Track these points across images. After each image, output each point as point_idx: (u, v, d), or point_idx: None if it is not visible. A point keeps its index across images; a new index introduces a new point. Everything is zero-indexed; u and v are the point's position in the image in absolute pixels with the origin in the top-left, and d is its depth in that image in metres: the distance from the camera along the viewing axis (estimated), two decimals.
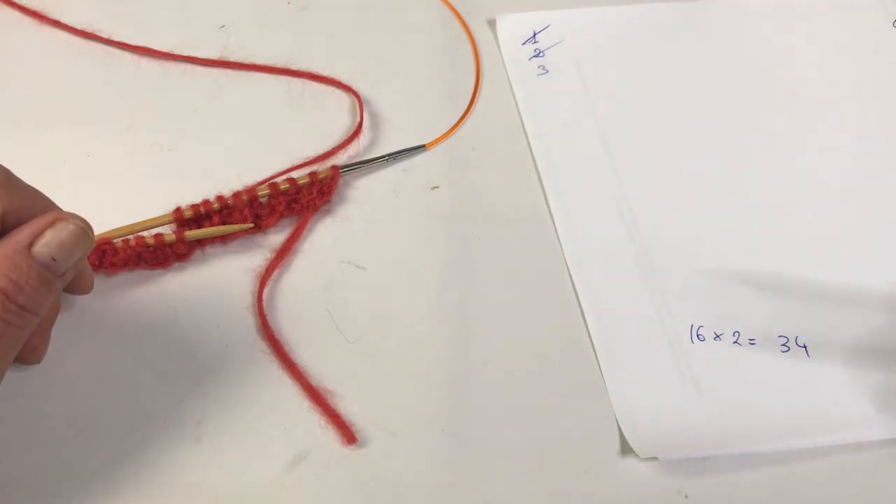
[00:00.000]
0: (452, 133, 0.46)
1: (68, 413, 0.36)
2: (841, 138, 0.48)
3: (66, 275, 0.31)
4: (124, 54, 0.47)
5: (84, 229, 0.31)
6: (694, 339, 0.40)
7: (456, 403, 0.37)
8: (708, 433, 0.37)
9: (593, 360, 0.39)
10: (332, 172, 0.42)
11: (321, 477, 0.35)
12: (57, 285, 0.31)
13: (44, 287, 0.30)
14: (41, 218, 0.30)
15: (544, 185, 0.44)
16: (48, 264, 0.30)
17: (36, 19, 0.48)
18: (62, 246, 0.30)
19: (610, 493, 0.36)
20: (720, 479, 0.36)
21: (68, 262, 0.30)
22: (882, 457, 0.37)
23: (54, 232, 0.30)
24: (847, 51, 0.52)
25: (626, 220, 0.44)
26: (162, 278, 0.40)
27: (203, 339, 0.38)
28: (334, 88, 0.47)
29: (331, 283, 0.40)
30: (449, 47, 0.50)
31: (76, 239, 0.30)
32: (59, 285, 0.31)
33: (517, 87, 0.48)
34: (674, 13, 0.53)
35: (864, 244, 0.44)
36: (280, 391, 0.37)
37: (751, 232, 0.44)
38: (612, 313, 0.40)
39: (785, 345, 0.40)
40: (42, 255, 0.29)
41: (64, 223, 0.30)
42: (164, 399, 0.36)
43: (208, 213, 0.40)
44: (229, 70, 0.47)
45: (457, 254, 0.42)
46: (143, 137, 0.44)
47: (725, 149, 0.47)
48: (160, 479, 0.34)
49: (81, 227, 0.31)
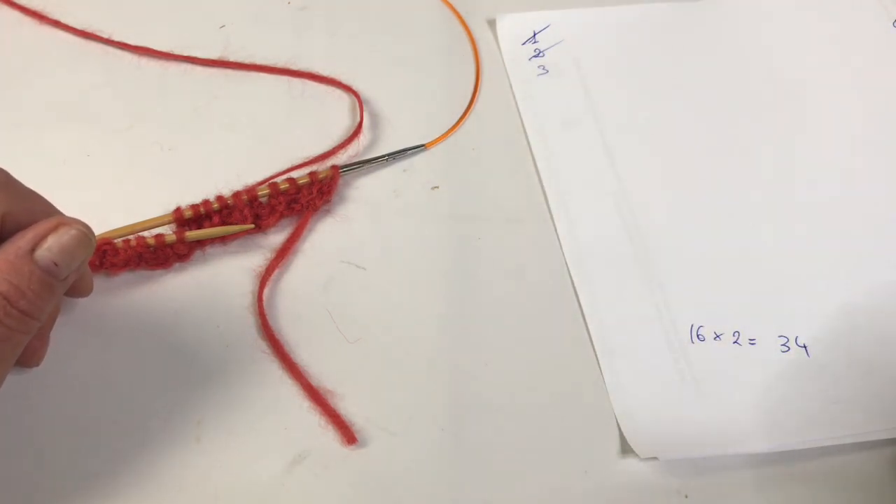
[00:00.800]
0: (452, 133, 0.46)
1: (69, 413, 0.36)
2: (841, 138, 0.48)
3: (67, 279, 0.31)
4: (124, 54, 0.47)
5: (86, 234, 0.31)
6: (694, 339, 0.40)
7: (456, 403, 0.37)
8: (708, 433, 0.37)
9: (593, 359, 0.39)
10: (332, 172, 0.42)
11: (321, 477, 0.35)
12: (58, 290, 0.31)
13: (46, 292, 0.30)
14: (44, 222, 0.30)
15: (544, 185, 0.44)
16: (50, 269, 0.30)
17: (36, 19, 0.48)
18: (64, 251, 0.30)
19: (610, 493, 0.36)
20: (720, 479, 0.36)
21: (70, 266, 0.30)
22: (882, 457, 0.37)
23: (56, 237, 0.30)
24: (847, 51, 0.52)
25: (626, 220, 0.44)
26: (162, 278, 0.40)
27: (203, 339, 0.38)
28: (334, 88, 0.47)
29: (331, 283, 0.40)
30: (449, 47, 0.50)
31: (78, 244, 0.30)
32: (60, 290, 0.31)
33: (517, 87, 0.48)
34: (674, 13, 0.53)
35: (864, 244, 0.44)
36: (280, 391, 0.37)
37: (751, 231, 0.44)
38: (611, 313, 0.40)
39: (785, 345, 0.40)
40: (44, 260, 0.29)
41: (66, 228, 0.30)
42: (164, 399, 0.36)
43: (208, 213, 0.40)
44: (229, 70, 0.47)
45: (457, 254, 0.42)
46: (143, 137, 0.44)
47: (725, 148, 0.47)
48: (160, 479, 0.34)
49: (83, 232, 0.31)
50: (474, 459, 0.36)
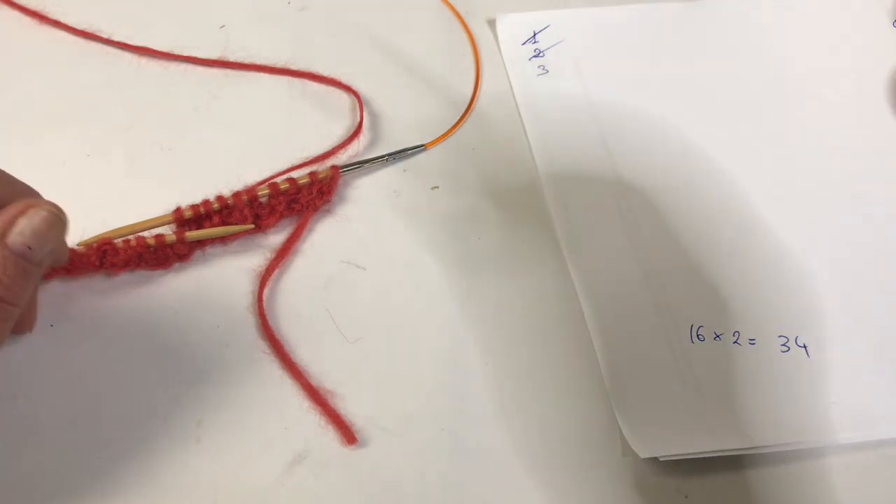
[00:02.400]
0: (452, 133, 0.46)
1: (68, 413, 0.36)
2: (841, 138, 0.48)
3: (42, 262, 0.30)
4: (124, 54, 0.47)
5: (57, 214, 0.30)
6: (694, 339, 0.40)
7: (456, 403, 0.37)
8: (708, 433, 0.37)
9: (593, 359, 0.39)
10: (332, 172, 0.42)
11: (321, 477, 0.35)
12: (35, 274, 0.30)
13: (22, 277, 0.29)
14: (11, 207, 0.30)
15: (544, 185, 0.44)
16: (24, 253, 0.29)
17: (36, 19, 0.48)
18: (37, 233, 0.29)
19: (610, 493, 0.36)
20: (720, 479, 0.36)
21: (44, 249, 0.30)
22: (882, 457, 0.37)
23: (27, 219, 0.29)
24: (847, 51, 0.52)
25: (626, 219, 0.44)
26: (162, 279, 0.40)
27: (203, 339, 0.38)
28: (334, 88, 0.47)
29: (331, 283, 0.40)
30: (449, 47, 0.50)
31: (50, 225, 0.30)
32: (37, 273, 0.30)
33: (517, 88, 0.48)
34: (674, 13, 0.53)
35: (864, 244, 0.44)
36: (280, 391, 0.37)
37: (751, 231, 0.44)
38: (611, 313, 0.40)
39: (785, 345, 0.40)
40: (17, 245, 0.29)
41: (36, 210, 0.30)
42: (164, 399, 0.36)
43: (208, 213, 0.40)
44: (229, 70, 0.47)
45: (457, 254, 0.42)
46: (143, 137, 0.44)
47: (725, 148, 0.47)
48: (160, 479, 0.34)
49: (54, 213, 0.30)
50: (474, 459, 0.36)
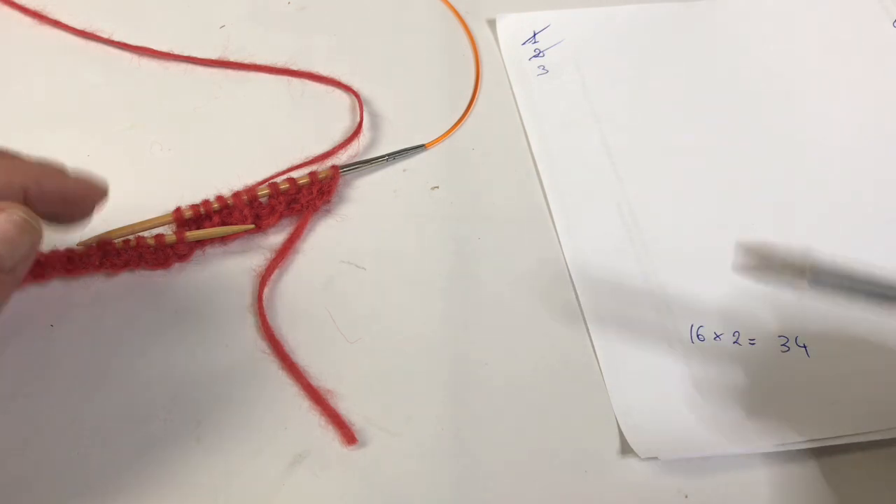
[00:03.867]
0: (452, 133, 0.46)
1: (68, 413, 0.36)
2: (841, 138, 0.48)
3: (16, 270, 0.30)
4: (124, 54, 0.47)
5: (26, 219, 0.29)
6: (694, 339, 0.40)
7: (456, 403, 0.37)
8: (708, 433, 0.37)
9: (593, 359, 0.39)
10: (332, 172, 0.42)
11: (321, 477, 0.35)
12: (7, 282, 0.29)
13: None
14: None
15: (544, 185, 0.44)
16: None
17: (36, 19, 0.48)
18: (6, 240, 0.29)
19: (610, 493, 0.36)
20: (720, 479, 0.36)
21: (15, 256, 0.29)
22: (882, 457, 0.37)
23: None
24: (847, 51, 0.52)
25: (626, 220, 0.44)
26: (162, 279, 0.40)
27: (203, 338, 0.38)
28: (334, 88, 0.47)
29: (331, 283, 0.40)
30: (449, 47, 0.50)
31: (21, 231, 0.29)
32: (10, 281, 0.30)
33: (517, 87, 0.48)
34: (674, 13, 0.53)
35: (864, 244, 0.44)
36: (280, 391, 0.37)
37: (751, 231, 0.44)
38: (611, 313, 0.40)
39: (785, 345, 0.40)
40: None
41: (4, 215, 0.29)
42: (164, 399, 0.36)
43: (208, 214, 0.40)
44: (229, 70, 0.47)
45: (457, 254, 0.42)
46: (143, 137, 0.44)
47: (725, 148, 0.47)
48: (160, 479, 0.34)
49: (24, 218, 0.29)
50: (474, 459, 0.36)
